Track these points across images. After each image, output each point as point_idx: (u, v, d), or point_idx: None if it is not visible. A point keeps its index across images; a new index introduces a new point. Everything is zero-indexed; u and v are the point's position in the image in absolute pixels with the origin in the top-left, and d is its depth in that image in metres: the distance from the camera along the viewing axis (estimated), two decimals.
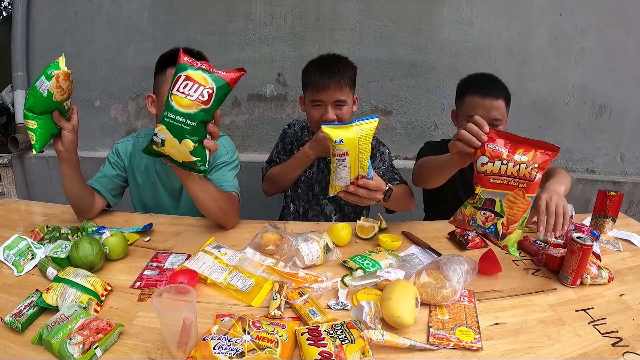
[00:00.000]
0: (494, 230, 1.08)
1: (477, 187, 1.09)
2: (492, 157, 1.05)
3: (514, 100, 2.63)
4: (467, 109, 1.59)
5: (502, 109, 1.54)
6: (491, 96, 1.53)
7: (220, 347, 0.77)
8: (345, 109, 1.64)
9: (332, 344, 0.81)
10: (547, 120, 2.75)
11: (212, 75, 1.10)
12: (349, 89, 1.63)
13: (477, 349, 0.88)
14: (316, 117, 1.63)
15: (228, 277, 1.09)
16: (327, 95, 1.58)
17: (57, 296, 0.97)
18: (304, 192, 1.84)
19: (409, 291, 0.96)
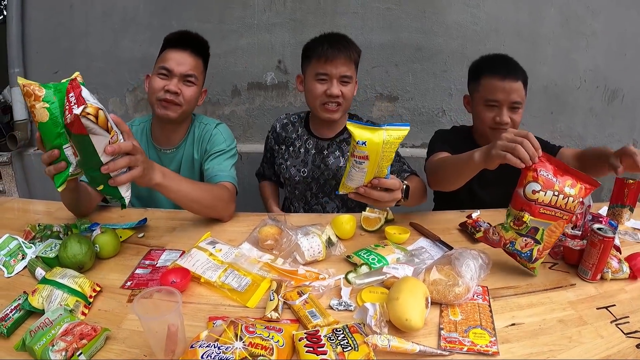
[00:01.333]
0: (529, 255, 1.06)
1: (525, 214, 1.03)
2: (545, 187, 1.00)
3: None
4: (484, 93, 1.50)
5: (521, 91, 1.46)
6: (511, 78, 1.44)
7: (209, 356, 0.70)
8: (350, 87, 1.57)
9: (332, 352, 0.74)
10: (558, 106, 2.65)
11: (64, 125, 0.98)
12: (354, 67, 1.57)
13: (492, 354, 0.81)
14: (319, 91, 1.55)
15: (222, 276, 1.02)
16: (334, 68, 1.51)
17: (42, 299, 0.92)
18: (301, 193, 1.76)
19: (419, 290, 0.89)
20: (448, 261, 1.02)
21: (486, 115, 1.51)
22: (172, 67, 1.45)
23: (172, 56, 1.46)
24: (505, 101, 1.45)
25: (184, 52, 1.47)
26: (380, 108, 2.66)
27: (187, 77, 1.47)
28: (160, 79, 1.46)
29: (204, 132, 1.59)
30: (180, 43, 1.49)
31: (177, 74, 1.45)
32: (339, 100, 1.55)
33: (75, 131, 0.92)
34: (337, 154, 1.68)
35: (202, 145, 1.59)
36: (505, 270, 1.13)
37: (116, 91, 2.87)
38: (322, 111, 1.58)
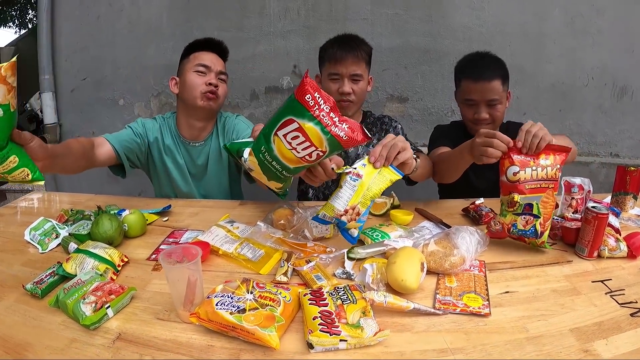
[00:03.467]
0: (534, 231, 1.13)
1: (514, 195, 1.14)
2: (523, 166, 1.13)
3: (532, 83, 2.62)
4: (462, 94, 1.65)
5: (496, 89, 1.56)
6: (484, 79, 1.56)
7: (222, 304, 0.79)
8: (361, 84, 1.66)
9: (333, 304, 0.83)
10: (566, 104, 2.67)
11: (328, 136, 0.94)
12: (365, 65, 1.67)
13: (484, 315, 0.87)
14: (332, 90, 1.65)
15: (239, 248, 1.12)
16: (344, 68, 1.61)
17: (76, 265, 1.02)
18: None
19: (414, 256, 0.96)
20: (446, 236, 1.09)
21: (466, 111, 1.67)
22: (209, 64, 1.61)
23: (205, 57, 1.62)
24: (481, 100, 1.58)
25: (213, 54, 1.65)
26: (391, 109, 2.74)
27: (221, 74, 1.64)
28: (198, 75, 1.60)
29: (226, 123, 1.73)
30: (208, 46, 1.66)
31: (214, 70, 1.61)
32: (351, 98, 1.65)
33: None
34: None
35: (227, 136, 1.71)
36: (503, 248, 1.19)
37: (142, 96, 3.02)
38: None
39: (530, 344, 0.78)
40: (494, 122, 1.63)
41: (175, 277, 0.83)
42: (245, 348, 0.77)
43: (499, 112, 1.61)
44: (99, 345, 0.79)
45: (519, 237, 1.16)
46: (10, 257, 1.18)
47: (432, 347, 0.78)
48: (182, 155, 1.72)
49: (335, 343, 0.75)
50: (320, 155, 0.98)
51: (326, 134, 0.94)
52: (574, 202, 1.38)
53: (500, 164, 1.17)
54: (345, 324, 0.78)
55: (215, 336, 0.80)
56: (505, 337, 0.80)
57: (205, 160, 1.74)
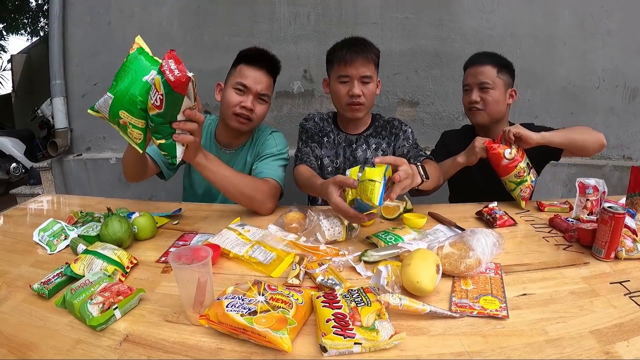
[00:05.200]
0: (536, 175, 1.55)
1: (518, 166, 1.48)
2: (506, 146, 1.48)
3: (543, 86, 2.60)
4: (463, 82, 1.76)
5: (488, 73, 1.65)
6: (477, 63, 1.68)
7: (233, 306, 0.77)
8: (371, 87, 1.65)
9: (347, 306, 0.80)
10: (578, 106, 2.65)
11: (164, 82, 1.01)
12: (374, 67, 1.66)
13: (502, 317, 0.84)
14: (342, 92, 1.64)
15: (250, 251, 1.10)
16: (354, 69, 1.60)
17: (84, 266, 1.01)
18: None
19: (429, 257, 0.94)
20: (461, 238, 1.06)
21: (464, 98, 1.75)
22: (249, 84, 1.53)
23: (249, 73, 1.54)
24: (474, 83, 1.68)
25: (260, 71, 1.56)
26: (402, 113, 2.73)
27: (261, 95, 1.57)
28: (236, 93, 1.55)
29: (260, 137, 1.70)
30: (257, 60, 1.57)
31: (253, 91, 1.54)
32: (361, 100, 1.63)
33: (177, 90, 1.02)
34: (364, 147, 1.77)
35: (255, 149, 1.69)
36: (519, 250, 1.17)
37: None
38: (347, 111, 1.67)
39: (550, 346, 0.76)
40: (485, 107, 1.67)
41: (184, 278, 0.81)
42: (256, 351, 0.75)
43: (490, 97, 1.66)
44: (105, 347, 0.77)
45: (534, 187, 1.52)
46: (18, 257, 1.17)
47: (450, 351, 0.75)
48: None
49: (350, 346, 0.72)
50: (161, 99, 1.04)
51: (162, 79, 1.01)
52: (588, 204, 1.36)
53: (497, 157, 1.48)
54: (359, 327, 0.75)
55: (225, 339, 0.78)
56: (524, 339, 0.78)
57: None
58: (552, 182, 2.75)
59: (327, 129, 1.79)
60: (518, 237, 1.28)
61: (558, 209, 1.49)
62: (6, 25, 9.59)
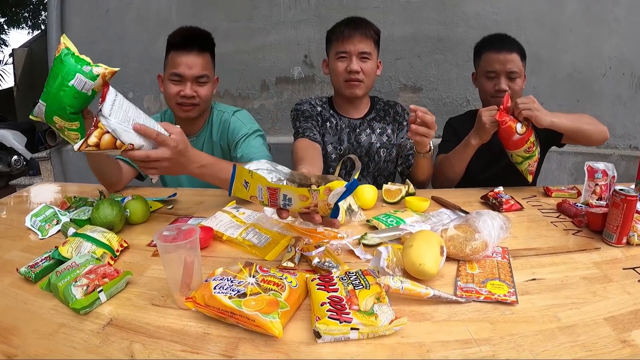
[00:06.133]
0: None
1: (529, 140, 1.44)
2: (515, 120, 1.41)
3: (549, 72, 2.52)
4: (484, 66, 1.65)
5: (517, 61, 1.59)
6: (505, 50, 1.59)
7: (221, 288, 0.72)
8: (370, 64, 1.60)
9: (343, 289, 0.75)
10: (584, 94, 2.58)
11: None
12: (373, 44, 1.61)
13: (511, 303, 0.79)
14: (341, 69, 1.60)
15: (244, 233, 1.05)
16: (352, 45, 1.56)
17: (72, 249, 0.97)
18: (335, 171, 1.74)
19: (433, 239, 0.88)
20: (464, 220, 1.01)
21: (487, 85, 1.65)
22: (183, 72, 1.45)
23: (180, 60, 1.45)
24: (502, 71, 1.59)
25: (191, 54, 1.46)
26: (404, 99, 2.66)
27: (199, 78, 1.48)
28: (173, 84, 1.47)
29: (223, 119, 1.62)
30: (184, 44, 1.47)
31: (189, 78, 1.46)
32: (360, 77, 1.58)
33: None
34: (368, 132, 1.71)
35: (222, 132, 1.62)
36: (527, 234, 1.12)
37: (151, 89, 2.99)
38: (345, 88, 1.62)
39: (563, 334, 0.70)
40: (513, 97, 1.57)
41: (170, 257, 0.76)
42: (245, 337, 0.70)
43: (517, 86, 1.61)
44: (88, 331, 0.72)
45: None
46: (9, 243, 1.13)
47: (455, 338, 0.70)
48: None
49: (346, 332, 0.67)
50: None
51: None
52: (597, 189, 1.31)
53: (508, 131, 1.41)
54: (357, 311, 0.70)
55: (213, 323, 0.73)
56: (535, 326, 0.73)
57: None
58: (557, 170, 2.69)
59: (326, 114, 1.72)
60: (525, 221, 1.22)
61: (566, 194, 1.44)
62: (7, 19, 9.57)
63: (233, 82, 2.86)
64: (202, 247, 1.02)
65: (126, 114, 1.00)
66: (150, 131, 1.02)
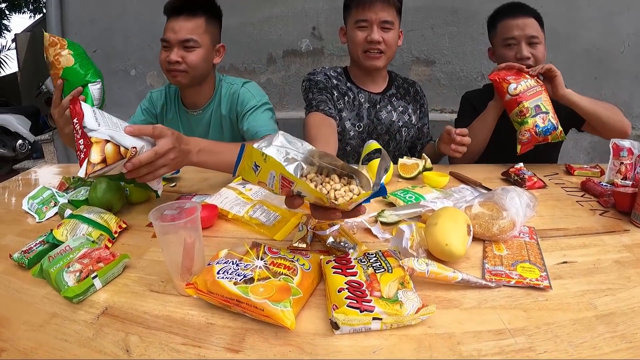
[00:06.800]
0: (553, 124, 1.37)
1: (522, 104, 1.37)
2: (517, 80, 1.39)
3: (566, 48, 2.40)
4: (502, 35, 1.55)
5: (535, 26, 1.50)
6: (522, 15, 1.51)
7: (225, 272, 0.64)
8: (392, 34, 1.49)
9: (363, 273, 0.67)
10: (601, 71, 2.45)
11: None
12: (395, 12, 1.49)
13: (544, 288, 0.72)
14: (360, 39, 1.48)
15: (250, 211, 0.97)
16: (373, 13, 1.44)
17: (67, 232, 0.91)
18: (353, 149, 1.62)
19: (459, 216, 0.80)
20: (489, 197, 0.93)
21: (507, 54, 1.53)
22: (169, 37, 1.39)
23: (169, 26, 1.41)
24: (522, 36, 1.49)
25: (179, 19, 1.40)
26: (417, 72, 2.55)
27: (184, 42, 1.39)
28: (164, 51, 1.42)
29: (232, 91, 1.53)
30: (174, 11, 1.41)
31: (174, 42, 1.39)
32: (381, 47, 1.47)
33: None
34: (389, 108, 1.61)
35: (231, 105, 1.53)
36: (552, 213, 1.04)
37: (154, 65, 2.91)
38: (364, 59, 1.51)
39: (601, 323, 0.63)
40: (536, 64, 1.49)
41: (168, 239, 0.68)
42: (253, 327, 0.63)
43: (540, 52, 1.51)
44: (81, 322, 0.66)
45: (545, 138, 1.37)
46: (4, 227, 1.07)
47: (487, 328, 0.62)
48: (183, 124, 1.59)
49: (367, 322, 0.59)
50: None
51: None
52: (622, 168, 1.23)
53: (500, 90, 1.42)
54: (379, 298, 0.62)
55: (218, 312, 0.66)
56: (571, 315, 0.65)
57: (203, 130, 1.58)
58: (574, 149, 2.58)
59: (343, 87, 1.59)
60: (550, 199, 1.14)
61: (588, 172, 1.36)
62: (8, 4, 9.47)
63: (238, 56, 2.76)
64: (205, 226, 0.96)
65: (111, 120, 0.91)
66: (145, 127, 0.92)
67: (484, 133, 1.50)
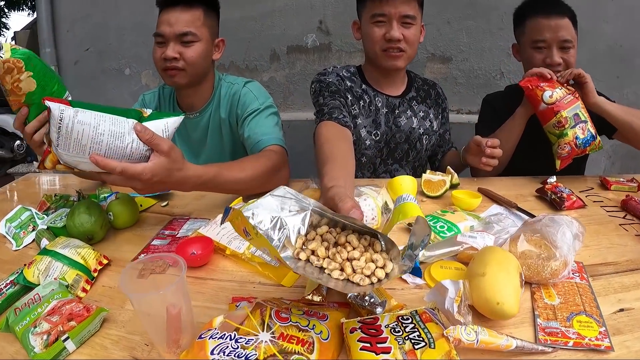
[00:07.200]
0: (592, 133, 1.26)
1: (560, 113, 1.24)
2: (551, 87, 1.25)
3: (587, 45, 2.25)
4: (531, 35, 1.38)
5: (570, 29, 1.35)
6: (556, 14, 1.34)
7: (221, 352, 0.50)
8: (413, 30, 1.33)
9: (398, 349, 0.53)
10: (624, 69, 2.31)
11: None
12: (417, 6, 1.34)
13: (605, 349, 0.59)
14: (378, 36, 1.32)
15: (252, 247, 0.83)
16: (392, 7, 1.28)
17: (39, 272, 0.78)
18: (369, 160, 1.47)
19: (510, 264, 0.66)
20: (536, 230, 0.79)
21: (536, 58, 1.38)
22: (163, 31, 1.26)
23: (162, 19, 1.28)
24: (554, 40, 1.34)
25: (174, 10, 1.27)
26: (432, 70, 2.40)
27: (182, 36, 1.26)
28: (158, 47, 1.28)
29: (232, 92, 1.39)
30: (168, 2, 1.28)
31: (170, 36, 1.26)
32: (402, 46, 1.32)
33: None
34: (409, 114, 1.46)
35: (231, 107, 1.39)
36: (598, 242, 0.93)
37: (148, 63, 2.76)
38: (383, 59, 1.35)
39: None
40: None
41: (144, 309, 0.54)
42: None
43: (572, 58, 1.37)
44: None
45: (583, 150, 1.26)
46: None
47: None
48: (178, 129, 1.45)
49: None
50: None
51: None
52: None
53: (533, 99, 1.28)
54: None
55: None
56: None
57: (200, 135, 1.44)
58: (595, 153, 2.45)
59: (358, 90, 1.43)
60: (592, 223, 1.01)
61: (626, 187, 1.23)
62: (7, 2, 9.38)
63: (239, 53, 2.61)
64: (198, 264, 0.83)
65: (78, 142, 0.79)
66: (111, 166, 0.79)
67: (511, 143, 1.36)
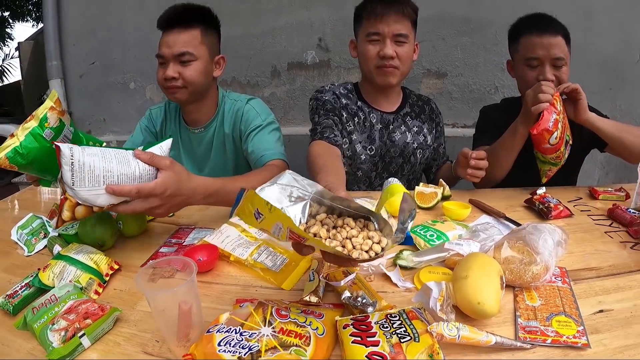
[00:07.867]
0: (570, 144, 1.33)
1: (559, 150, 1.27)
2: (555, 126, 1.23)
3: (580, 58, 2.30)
4: (524, 52, 1.41)
5: (562, 46, 1.37)
6: (549, 33, 1.36)
7: (227, 344, 0.56)
8: (407, 48, 1.39)
9: (386, 342, 0.58)
10: (617, 81, 2.36)
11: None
12: (410, 25, 1.40)
13: (582, 346, 0.64)
14: (372, 53, 1.38)
15: (255, 253, 0.89)
16: (386, 26, 1.34)
17: (54, 275, 0.84)
18: (365, 174, 1.53)
19: (491, 268, 0.72)
20: (519, 237, 0.84)
21: (529, 75, 1.41)
22: (163, 52, 1.32)
23: (162, 41, 1.33)
24: (547, 57, 1.36)
25: (172, 32, 1.32)
26: (428, 85, 2.47)
27: (180, 56, 1.31)
28: (160, 68, 1.35)
29: (235, 108, 1.46)
30: (167, 23, 1.33)
31: (169, 57, 1.32)
32: (395, 63, 1.38)
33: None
34: (403, 129, 1.52)
35: (235, 123, 1.46)
36: (582, 249, 0.97)
37: (152, 78, 2.78)
38: (377, 75, 1.41)
39: None
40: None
41: (159, 305, 0.60)
42: None
43: (565, 75, 1.39)
44: None
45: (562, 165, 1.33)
46: None
47: None
48: (183, 142, 1.51)
49: None
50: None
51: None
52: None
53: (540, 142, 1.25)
54: None
55: None
56: None
57: (205, 149, 1.50)
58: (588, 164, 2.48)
59: (353, 107, 1.49)
60: (578, 231, 1.05)
61: (614, 196, 1.27)
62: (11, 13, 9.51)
63: (241, 69, 2.68)
64: (204, 270, 0.88)
65: (92, 174, 0.81)
66: (127, 190, 0.84)
67: (509, 156, 1.36)
